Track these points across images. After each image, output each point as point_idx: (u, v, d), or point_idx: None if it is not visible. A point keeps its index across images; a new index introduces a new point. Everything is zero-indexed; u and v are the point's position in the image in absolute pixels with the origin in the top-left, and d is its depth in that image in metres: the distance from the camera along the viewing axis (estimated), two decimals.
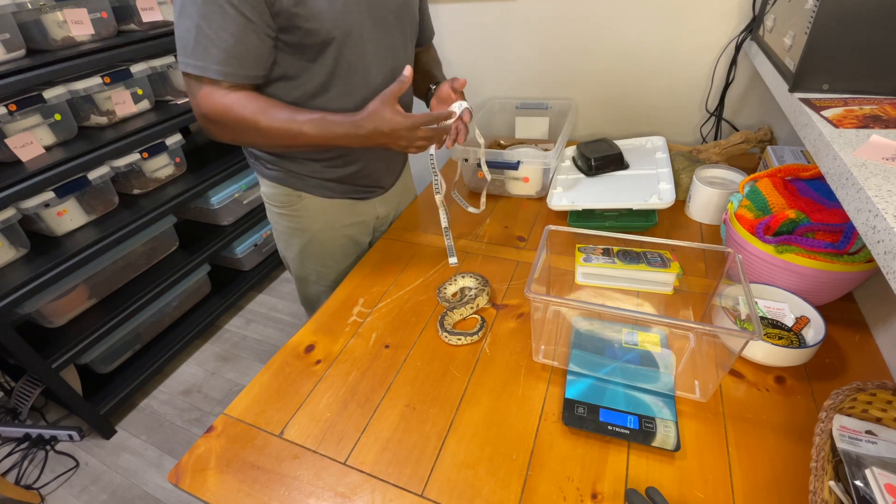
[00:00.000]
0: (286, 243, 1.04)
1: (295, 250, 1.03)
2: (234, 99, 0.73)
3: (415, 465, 0.60)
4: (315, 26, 0.72)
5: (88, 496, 1.40)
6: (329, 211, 0.98)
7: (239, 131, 0.76)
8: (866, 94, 0.67)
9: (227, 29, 0.67)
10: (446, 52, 1.50)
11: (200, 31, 0.67)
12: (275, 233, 1.06)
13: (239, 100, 0.73)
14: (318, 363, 0.76)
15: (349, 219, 1.01)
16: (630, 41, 1.27)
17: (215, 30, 0.67)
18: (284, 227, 1.01)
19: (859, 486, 0.47)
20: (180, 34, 0.69)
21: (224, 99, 0.73)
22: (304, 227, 0.99)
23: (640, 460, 0.58)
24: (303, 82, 0.79)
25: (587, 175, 1.14)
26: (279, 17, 0.70)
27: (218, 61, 0.69)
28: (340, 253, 1.04)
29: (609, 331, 0.74)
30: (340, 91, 0.81)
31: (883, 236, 0.41)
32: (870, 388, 0.55)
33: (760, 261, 0.74)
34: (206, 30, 0.67)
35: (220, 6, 0.66)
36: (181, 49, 0.70)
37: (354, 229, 1.04)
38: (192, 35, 0.68)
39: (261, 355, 1.82)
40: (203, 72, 0.70)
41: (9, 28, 1.22)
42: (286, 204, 0.96)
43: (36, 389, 1.54)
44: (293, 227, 1.00)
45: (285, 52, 0.75)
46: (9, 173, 1.24)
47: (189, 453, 0.64)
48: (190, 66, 0.70)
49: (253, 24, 0.68)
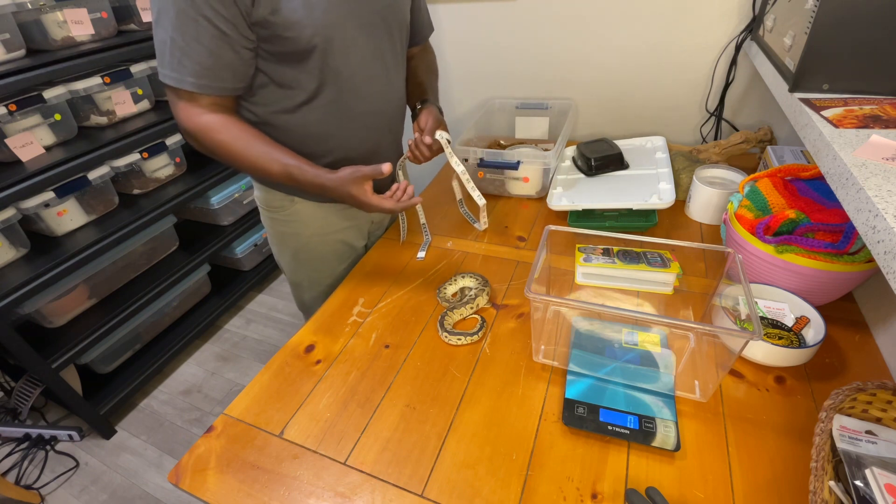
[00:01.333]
0: (280, 248, 1.03)
1: (288, 256, 1.02)
2: (211, 120, 0.73)
3: (415, 465, 0.60)
4: (294, 34, 0.70)
5: (88, 496, 1.40)
6: (322, 215, 0.96)
7: (215, 152, 0.76)
8: (866, 94, 0.67)
9: (200, 42, 0.66)
10: (446, 52, 1.50)
11: (174, 42, 0.66)
12: (269, 238, 1.05)
13: (216, 123, 0.73)
14: (318, 363, 0.76)
15: (342, 223, 1.00)
16: (630, 41, 1.27)
17: (189, 42, 0.66)
18: (277, 232, 1.00)
19: (859, 486, 0.47)
20: (157, 44, 0.69)
21: (201, 118, 0.72)
22: (297, 232, 0.98)
23: (640, 460, 0.58)
24: (292, 90, 0.78)
25: (587, 175, 1.14)
26: (258, 28, 0.69)
27: (193, 73, 0.69)
28: (334, 258, 1.03)
29: (609, 331, 0.74)
30: (330, 97, 0.80)
31: (883, 236, 0.41)
32: (870, 388, 0.55)
33: (760, 261, 0.74)
34: (180, 42, 0.66)
35: (192, 19, 0.65)
36: (159, 59, 0.69)
37: (348, 233, 1.02)
38: (167, 46, 0.67)
39: (261, 355, 1.82)
40: (178, 83, 0.69)
41: (9, 28, 1.22)
42: (278, 208, 0.95)
43: (36, 389, 1.54)
44: (286, 231, 0.99)
45: (271, 61, 0.74)
46: (9, 173, 1.24)
47: (189, 453, 0.64)
48: (166, 78, 0.70)
49: (228, 38, 0.67)
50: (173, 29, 0.65)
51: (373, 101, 0.86)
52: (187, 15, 0.64)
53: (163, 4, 0.65)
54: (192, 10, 0.64)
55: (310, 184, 0.76)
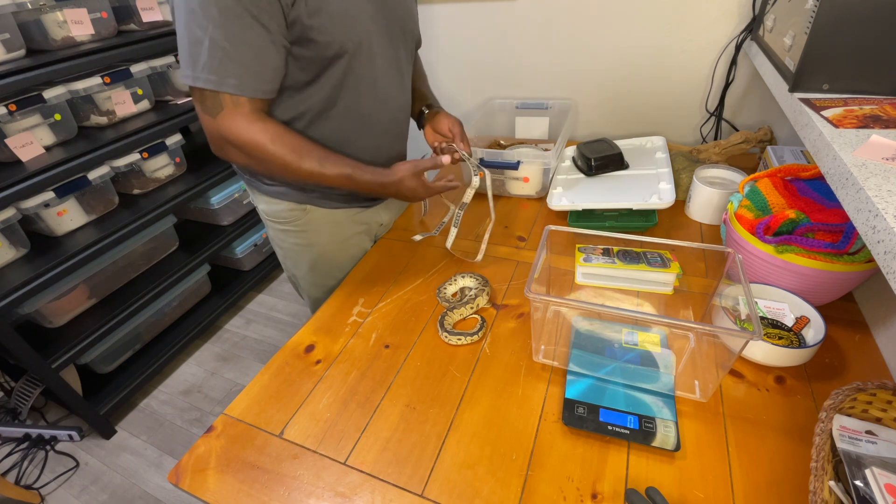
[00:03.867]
0: (294, 261, 1.00)
1: (305, 268, 1.00)
2: (261, 131, 0.70)
3: (415, 465, 0.60)
4: (328, 39, 0.70)
5: (88, 496, 1.40)
6: (335, 222, 0.95)
7: (263, 163, 0.74)
8: (866, 94, 0.67)
9: (245, 41, 0.63)
10: (446, 53, 1.50)
11: (214, 42, 0.62)
12: (280, 252, 1.01)
13: (267, 134, 0.70)
14: (318, 363, 0.76)
15: (355, 228, 0.99)
16: (630, 41, 1.27)
17: (232, 41, 0.63)
18: (292, 245, 0.97)
19: (859, 486, 0.47)
20: (187, 45, 0.64)
21: (251, 130, 0.69)
22: (313, 242, 0.96)
23: (640, 460, 0.58)
24: (309, 96, 0.77)
25: (587, 175, 1.14)
26: (293, 28, 0.67)
27: (235, 75, 0.65)
28: (350, 263, 1.01)
29: (609, 331, 0.74)
30: (348, 104, 0.79)
31: (883, 236, 0.41)
32: (870, 388, 0.55)
33: (760, 261, 0.74)
34: (222, 41, 0.62)
35: (237, 16, 0.61)
36: (189, 61, 0.65)
37: (361, 237, 1.02)
38: (205, 46, 0.63)
39: (261, 355, 1.82)
40: (218, 86, 0.65)
41: (9, 28, 1.22)
42: (291, 220, 0.93)
43: (36, 389, 1.54)
44: (301, 243, 0.96)
45: (294, 66, 0.73)
46: (9, 173, 1.24)
47: (189, 453, 0.64)
48: (202, 81, 0.65)
49: (271, 35, 0.65)
50: (214, 27, 0.61)
51: (389, 107, 0.86)
52: (231, 12, 0.61)
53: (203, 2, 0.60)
54: (237, 7, 0.61)
55: (368, 184, 0.80)
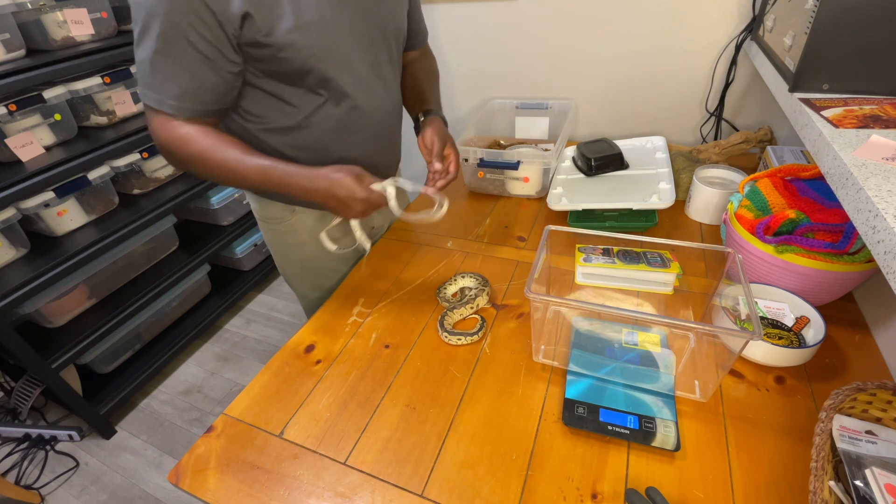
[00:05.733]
0: (285, 259, 1.01)
1: (296, 267, 1.01)
2: (188, 132, 0.70)
3: (415, 465, 0.60)
4: (289, 55, 0.69)
5: (88, 496, 1.40)
6: (324, 223, 0.94)
7: (189, 164, 0.73)
8: (866, 94, 0.67)
9: (181, 65, 0.65)
10: (446, 53, 1.50)
11: (155, 64, 0.65)
12: (272, 250, 1.02)
13: (192, 133, 0.71)
14: (318, 363, 0.76)
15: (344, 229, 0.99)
16: (630, 41, 1.27)
17: (169, 65, 0.65)
18: (280, 243, 0.98)
19: (859, 486, 0.47)
20: (137, 63, 0.67)
21: (178, 130, 0.70)
22: (302, 242, 0.96)
23: (640, 460, 0.58)
24: (292, 106, 0.77)
25: (587, 175, 1.14)
26: (250, 48, 0.67)
27: (173, 96, 0.67)
28: (342, 263, 1.01)
29: (609, 331, 0.74)
30: (329, 113, 0.79)
31: (883, 236, 0.41)
32: (870, 388, 0.55)
33: (760, 261, 0.74)
34: (161, 63, 0.65)
35: (173, 41, 0.63)
36: (139, 78, 0.68)
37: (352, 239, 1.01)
38: (147, 67, 0.65)
39: (261, 355, 1.82)
40: (159, 105, 0.68)
41: (9, 28, 1.22)
42: (280, 220, 0.93)
43: (36, 389, 1.54)
44: (290, 242, 0.97)
45: (267, 78, 0.73)
46: (9, 173, 1.24)
47: (189, 453, 0.64)
48: (147, 98, 0.68)
49: (210, 62, 0.66)
50: (154, 51, 0.64)
51: (372, 115, 0.84)
52: (170, 38, 0.63)
53: (145, 25, 0.63)
54: (174, 34, 0.62)
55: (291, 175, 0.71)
